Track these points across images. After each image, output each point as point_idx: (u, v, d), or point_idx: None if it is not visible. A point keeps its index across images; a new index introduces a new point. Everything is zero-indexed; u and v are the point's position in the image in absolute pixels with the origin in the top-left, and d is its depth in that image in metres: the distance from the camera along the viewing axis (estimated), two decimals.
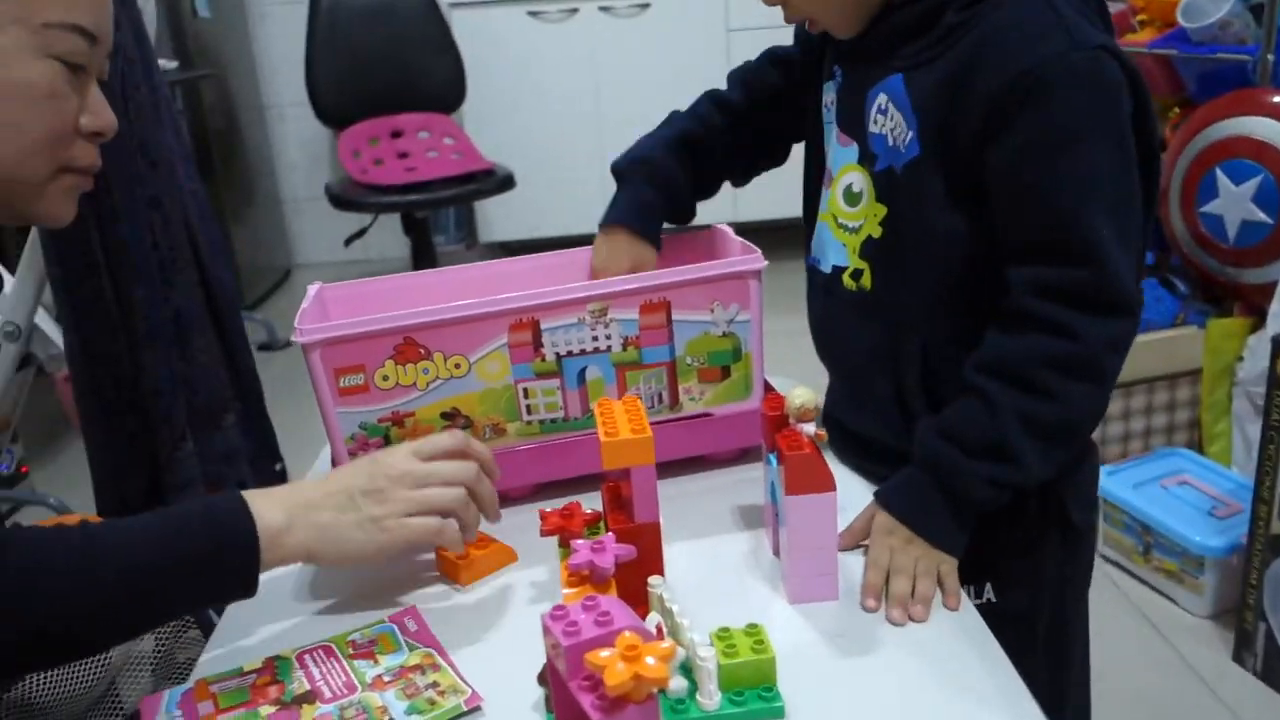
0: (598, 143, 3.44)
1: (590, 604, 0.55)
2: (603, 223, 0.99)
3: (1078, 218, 0.73)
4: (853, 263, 0.87)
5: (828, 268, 0.91)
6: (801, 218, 0.98)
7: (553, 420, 0.92)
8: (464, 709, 0.67)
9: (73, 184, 0.76)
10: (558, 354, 0.89)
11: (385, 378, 0.87)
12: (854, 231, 0.87)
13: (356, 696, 0.68)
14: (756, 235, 1.00)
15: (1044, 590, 0.88)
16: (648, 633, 0.53)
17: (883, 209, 0.84)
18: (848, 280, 0.88)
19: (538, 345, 0.89)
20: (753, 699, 0.63)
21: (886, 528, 0.79)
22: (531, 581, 0.82)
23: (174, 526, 0.71)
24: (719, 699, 0.63)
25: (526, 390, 0.90)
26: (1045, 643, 0.89)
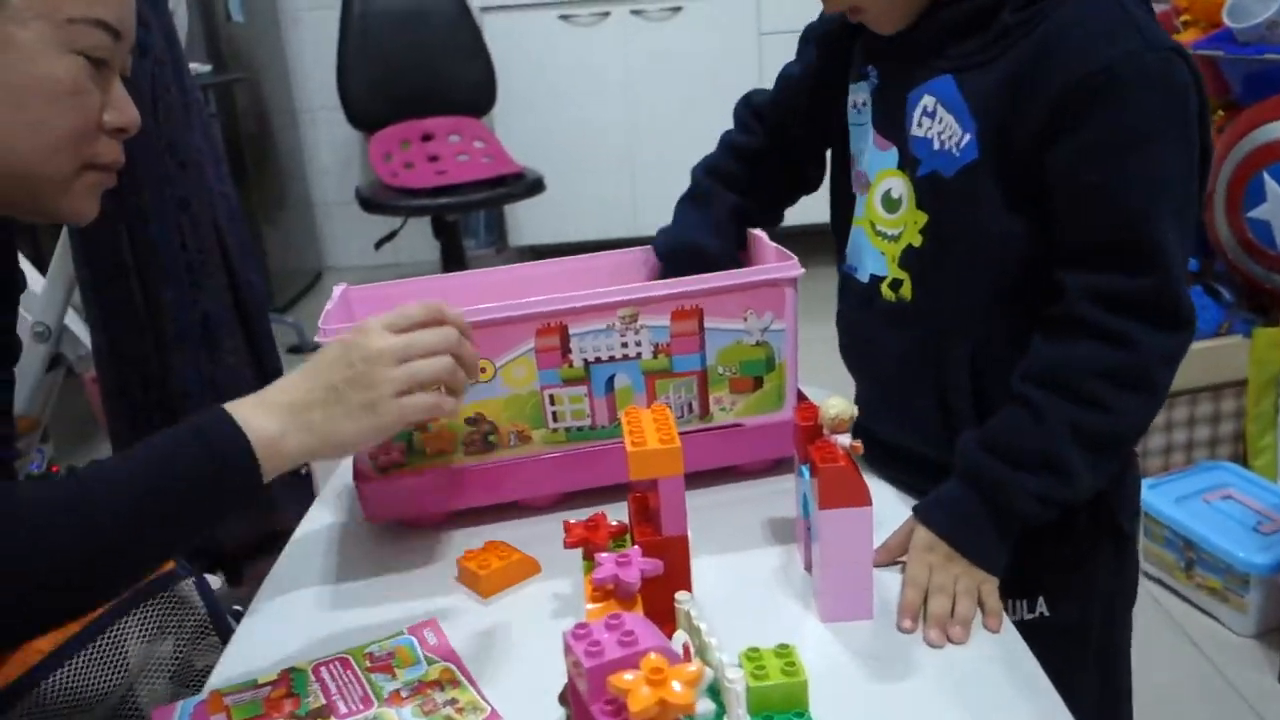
0: (628, 147, 3.42)
1: (614, 622, 0.53)
2: None
3: (1147, 218, 0.72)
4: (892, 272, 0.85)
5: (865, 276, 0.88)
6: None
7: (579, 428, 0.89)
8: None
9: (96, 181, 0.75)
10: (586, 360, 0.87)
11: None
12: (893, 240, 0.84)
13: (373, 712, 0.66)
14: (787, 240, 0.98)
15: (1095, 601, 0.86)
16: (674, 654, 0.51)
17: (923, 216, 0.81)
18: (886, 290, 0.86)
19: (566, 351, 0.87)
20: None
21: (926, 544, 0.76)
22: (554, 594, 0.80)
23: (166, 458, 0.68)
24: None
25: (553, 397, 0.88)
26: (1095, 657, 0.87)
